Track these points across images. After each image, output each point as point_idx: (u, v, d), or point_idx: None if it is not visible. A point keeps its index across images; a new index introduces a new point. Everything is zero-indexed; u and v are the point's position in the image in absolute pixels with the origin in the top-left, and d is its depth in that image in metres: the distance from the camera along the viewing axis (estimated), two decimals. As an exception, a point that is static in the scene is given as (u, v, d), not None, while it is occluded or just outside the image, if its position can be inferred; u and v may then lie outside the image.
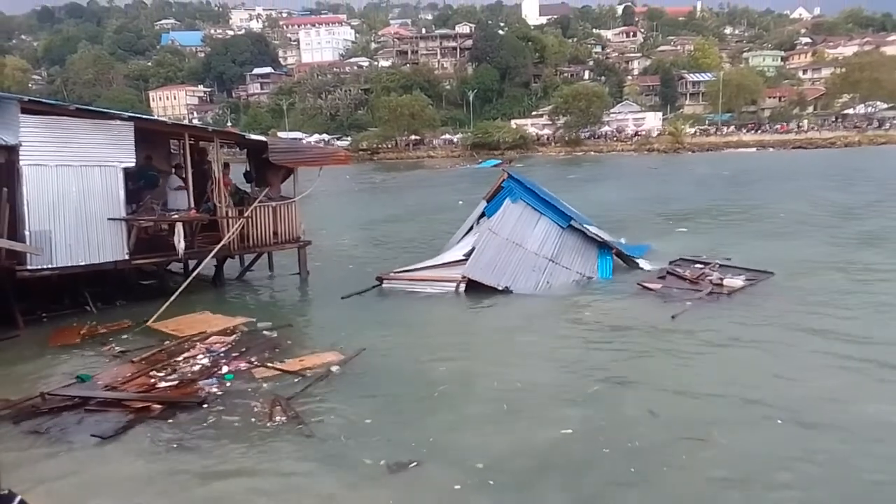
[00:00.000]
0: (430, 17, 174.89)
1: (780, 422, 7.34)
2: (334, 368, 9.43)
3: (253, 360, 9.91)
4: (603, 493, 6.15)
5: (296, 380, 9.07)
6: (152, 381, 9.16)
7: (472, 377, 9.14)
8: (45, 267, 11.98)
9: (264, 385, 8.94)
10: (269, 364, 9.62)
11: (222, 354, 10.19)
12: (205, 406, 8.24)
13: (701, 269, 14.73)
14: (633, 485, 6.21)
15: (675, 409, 7.76)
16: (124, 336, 11.58)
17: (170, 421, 7.88)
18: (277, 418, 7.80)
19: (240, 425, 7.74)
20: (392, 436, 7.31)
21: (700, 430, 7.15)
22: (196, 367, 9.66)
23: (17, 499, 1.51)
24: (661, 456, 6.66)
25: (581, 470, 6.50)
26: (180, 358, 10.07)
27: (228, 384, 8.99)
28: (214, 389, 8.79)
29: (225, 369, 9.50)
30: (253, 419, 7.89)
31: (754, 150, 79.47)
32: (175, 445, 7.27)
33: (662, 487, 6.15)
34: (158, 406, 8.16)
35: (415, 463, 6.66)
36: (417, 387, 8.84)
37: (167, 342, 10.91)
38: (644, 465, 6.48)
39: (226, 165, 16.07)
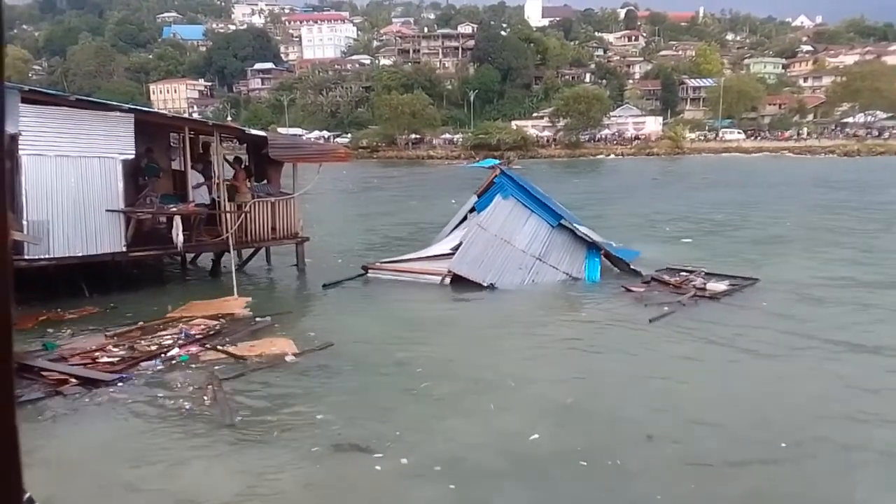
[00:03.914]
0: (432, 16, 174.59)
1: (783, 445, 6.96)
2: (289, 358, 9.36)
3: (207, 344, 9.90)
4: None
5: (239, 364, 9.06)
6: (96, 355, 9.18)
7: (445, 375, 9.04)
8: (42, 257, 11.96)
9: (192, 368, 8.92)
10: (219, 348, 9.57)
11: (184, 336, 10.18)
12: (120, 384, 8.29)
13: (685, 276, 14.70)
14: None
15: (664, 424, 7.41)
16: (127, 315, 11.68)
17: (84, 396, 7.95)
18: (206, 399, 7.81)
19: (151, 404, 7.78)
20: (342, 426, 7.21)
21: (693, 449, 6.85)
22: (153, 347, 9.70)
23: (27, 495, 1.49)
24: (646, 475, 6.28)
25: (552, 483, 6.17)
26: (151, 336, 10.18)
27: (173, 363, 9.09)
28: (160, 367, 8.90)
29: (176, 351, 9.53)
30: (163, 396, 7.96)
31: (754, 155, 79.54)
32: (68, 419, 7.31)
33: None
34: (74, 380, 8.20)
35: (364, 450, 6.58)
36: (384, 379, 8.80)
37: (146, 321, 11.06)
38: (624, 485, 6.12)
39: (237, 160, 16.12)
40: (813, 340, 10.58)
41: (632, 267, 15.58)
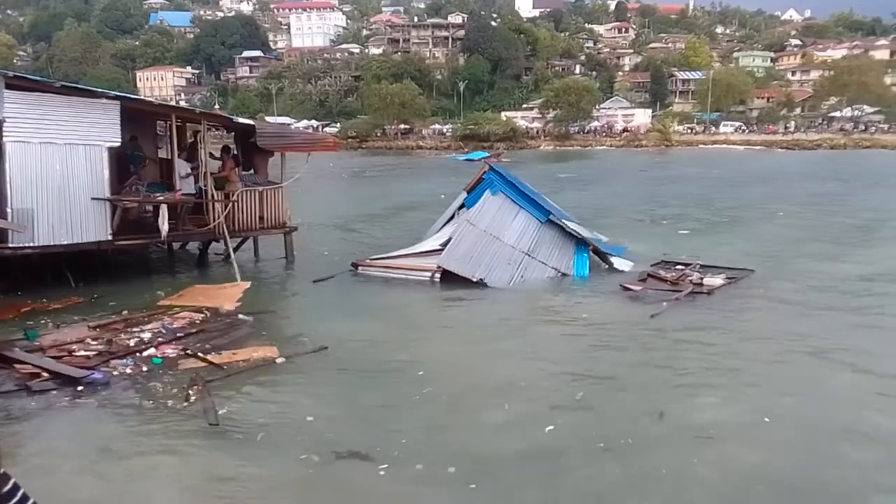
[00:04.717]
0: (422, 5, 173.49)
1: (767, 420, 7.32)
2: (279, 360, 9.00)
3: (188, 349, 9.39)
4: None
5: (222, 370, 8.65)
6: (73, 348, 9.02)
7: (449, 376, 8.84)
8: (26, 245, 11.85)
9: (171, 371, 8.66)
10: (199, 355, 9.12)
11: (164, 333, 9.95)
12: (93, 381, 8.07)
13: (682, 270, 14.75)
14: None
15: (674, 411, 7.58)
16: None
17: (54, 391, 7.79)
18: (191, 395, 7.62)
19: (126, 403, 7.61)
20: (336, 432, 6.97)
21: (700, 430, 7.05)
22: (132, 341, 9.47)
23: (11, 482, 1.45)
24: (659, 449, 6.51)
25: (569, 473, 6.27)
26: (135, 329, 10.03)
27: (145, 369, 8.65)
28: (128, 370, 8.53)
29: (152, 351, 9.18)
30: (139, 394, 7.80)
31: (740, 148, 79.97)
32: (34, 416, 7.18)
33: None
34: (46, 374, 8.05)
35: (365, 457, 6.39)
36: (384, 383, 8.51)
37: (135, 310, 11.01)
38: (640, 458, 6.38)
39: (225, 149, 16.02)
40: (809, 329, 10.80)
41: (615, 266, 15.52)
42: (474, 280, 13.87)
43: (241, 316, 11.26)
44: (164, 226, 13.31)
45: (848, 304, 12.40)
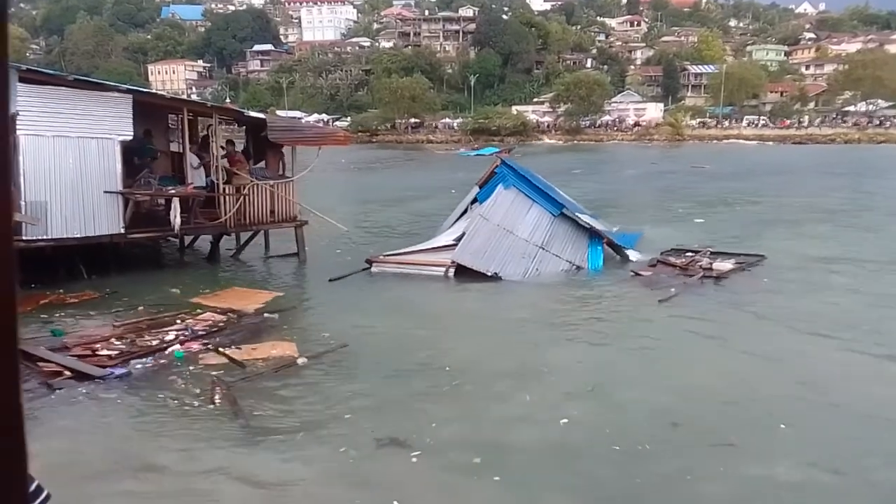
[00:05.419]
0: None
1: (783, 427, 7.06)
2: (300, 361, 8.91)
3: (209, 344, 9.39)
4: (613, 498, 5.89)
5: (242, 369, 8.62)
6: (97, 347, 9.04)
7: (465, 367, 8.86)
8: (40, 238, 11.93)
9: (192, 370, 8.62)
10: (220, 350, 9.10)
11: (189, 333, 9.91)
12: (113, 379, 8.07)
13: (692, 256, 14.88)
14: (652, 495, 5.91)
15: (685, 407, 7.55)
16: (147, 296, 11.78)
17: (76, 390, 7.77)
18: (216, 397, 7.58)
19: (151, 403, 7.60)
20: (369, 426, 6.99)
21: (717, 432, 6.92)
22: (154, 342, 9.44)
23: (35, 483, 1.48)
24: (679, 460, 6.37)
25: (588, 470, 6.27)
26: (157, 330, 10.00)
27: (163, 362, 8.69)
28: (150, 364, 8.58)
29: (177, 347, 9.17)
30: (164, 394, 7.78)
31: (754, 143, 79.38)
32: (57, 416, 7.15)
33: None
34: (68, 373, 8.09)
35: (403, 444, 6.51)
36: (409, 379, 8.52)
37: (149, 310, 11.00)
38: (658, 473, 6.22)
39: (230, 143, 16.07)
40: (815, 317, 10.89)
41: (629, 258, 15.56)
42: (489, 274, 13.88)
43: (266, 315, 11.17)
44: (176, 219, 13.38)
45: (855, 288, 12.50)
